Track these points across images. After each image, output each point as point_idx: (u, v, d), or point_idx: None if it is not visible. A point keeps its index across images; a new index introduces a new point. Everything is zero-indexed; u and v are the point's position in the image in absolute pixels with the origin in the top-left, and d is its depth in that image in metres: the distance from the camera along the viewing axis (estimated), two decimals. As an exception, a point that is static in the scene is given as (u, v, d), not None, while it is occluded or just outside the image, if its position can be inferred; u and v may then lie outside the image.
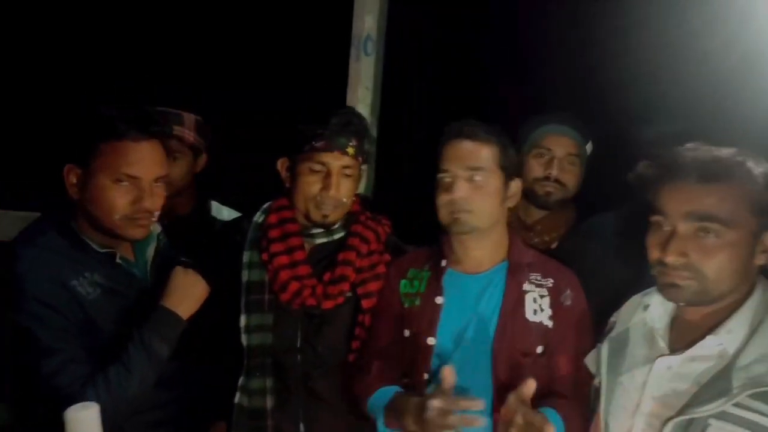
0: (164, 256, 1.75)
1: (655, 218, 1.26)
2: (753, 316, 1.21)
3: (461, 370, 1.57)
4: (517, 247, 1.71)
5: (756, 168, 1.20)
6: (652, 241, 1.26)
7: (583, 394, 1.54)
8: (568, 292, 1.65)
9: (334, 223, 1.78)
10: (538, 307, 1.62)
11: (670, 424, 1.20)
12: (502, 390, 1.55)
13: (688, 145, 1.24)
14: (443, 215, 1.64)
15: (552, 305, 1.62)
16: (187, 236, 2.12)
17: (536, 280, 1.65)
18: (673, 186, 1.22)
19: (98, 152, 1.52)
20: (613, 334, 1.43)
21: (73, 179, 1.55)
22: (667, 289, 1.24)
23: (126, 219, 1.55)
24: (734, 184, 1.18)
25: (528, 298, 1.62)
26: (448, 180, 1.62)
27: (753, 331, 1.19)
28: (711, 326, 1.24)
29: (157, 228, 1.74)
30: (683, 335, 1.29)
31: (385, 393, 1.63)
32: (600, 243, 1.90)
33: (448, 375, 1.42)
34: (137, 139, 1.53)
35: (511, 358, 1.58)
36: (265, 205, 1.89)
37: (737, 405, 1.13)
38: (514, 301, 1.61)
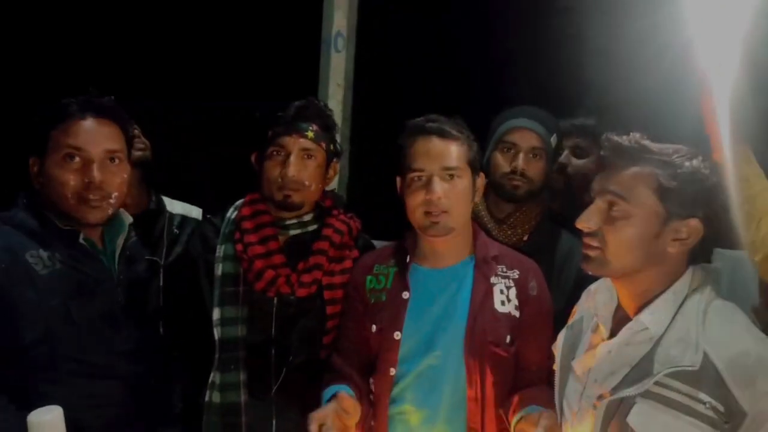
0: (132, 251, 1.72)
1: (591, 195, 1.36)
2: (675, 300, 1.28)
3: (433, 364, 1.61)
4: (483, 241, 1.73)
5: (673, 159, 1.27)
6: None
7: (551, 378, 1.57)
8: (534, 282, 1.66)
9: (298, 206, 1.77)
10: (505, 298, 1.63)
11: (604, 403, 1.27)
12: (475, 380, 1.58)
13: (630, 133, 1.33)
14: (418, 216, 1.62)
15: (518, 296, 1.65)
16: (147, 232, 2.09)
17: (502, 271, 1.67)
18: (603, 168, 1.33)
19: (50, 138, 1.53)
20: (570, 322, 1.49)
21: (35, 169, 1.56)
22: (583, 261, 1.33)
23: (79, 199, 1.53)
24: (645, 167, 1.27)
25: (496, 290, 1.64)
26: (422, 179, 1.60)
27: (675, 315, 1.27)
28: (640, 310, 1.31)
29: (128, 218, 1.70)
30: (622, 321, 1.34)
31: (331, 391, 1.62)
32: (570, 235, 1.93)
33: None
34: (83, 117, 1.54)
35: (482, 349, 1.58)
36: (238, 202, 1.90)
37: (657, 384, 1.21)
38: (482, 294, 1.63)
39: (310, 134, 1.75)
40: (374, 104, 3.03)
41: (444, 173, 1.60)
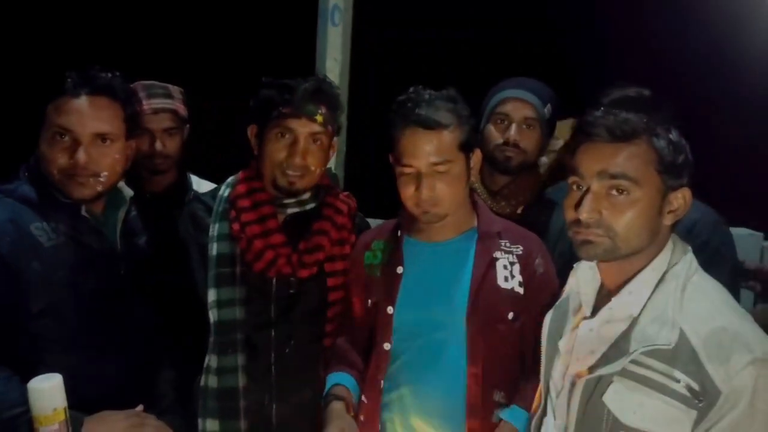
0: (132, 225, 1.73)
1: (571, 179, 1.28)
2: (655, 276, 1.25)
3: (433, 339, 1.61)
4: (486, 215, 1.71)
5: (661, 129, 1.23)
6: (567, 202, 1.28)
7: None
8: (540, 259, 1.63)
9: (301, 192, 1.73)
10: (508, 274, 1.61)
11: (582, 381, 1.27)
12: (476, 356, 1.57)
13: (600, 110, 1.28)
14: (410, 207, 1.61)
15: (522, 272, 1.61)
16: (170, 210, 2.07)
17: (506, 246, 1.64)
18: (585, 146, 1.26)
19: (45, 113, 1.53)
20: (557, 302, 1.47)
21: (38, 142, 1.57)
22: (582, 247, 1.25)
23: (65, 176, 1.53)
24: (641, 143, 1.22)
25: (498, 265, 1.61)
26: (411, 175, 1.58)
27: (653, 292, 1.24)
28: (621, 288, 1.28)
29: (129, 192, 1.70)
30: (604, 298, 1.32)
31: (332, 380, 1.66)
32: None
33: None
34: (77, 95, 1.52)
35: (485, 325, 1.57)
36: (230, 179, 1.82)
37: (634, 362, 1.20)
38: (484, 269, 1.60)
39: (320, 118, 1.67)
40: (372, 79, 3.01)
41: (432, 169, 1.57)
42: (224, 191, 1.79)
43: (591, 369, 1.26)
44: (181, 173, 2.27)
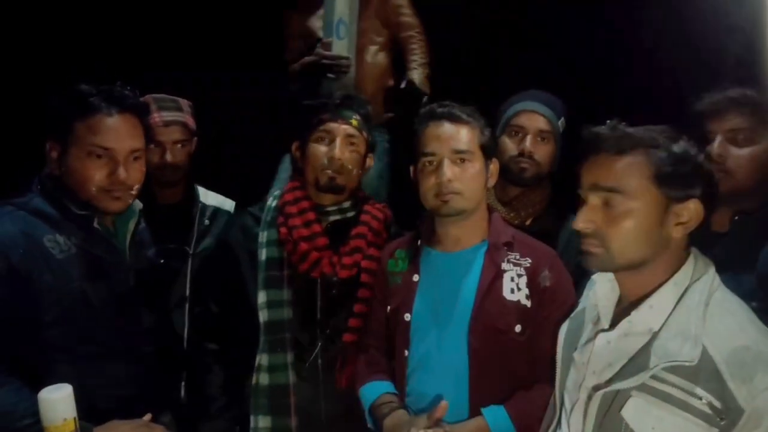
0: (141, 237, 1.79)
1: (579, 191, 1.31)
2: (676, 291, 1.25)
3: (440, 346, 1.64)
4: (498, 226, 1.73)
5: (664, 140, 1.25)
6: (577, 214, 1.30)
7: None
8: (546, 272, 1.65)
9: (341, 190, 1.86)
10: (515, 286, 1.63)
11: (600, 395, 1.27)
12: (478, 366, 1.60)
13: (606, 123, 1.30)
14: (429, 199, 1.65)
15: (529, 285, 1.63)
16: (178, 222, 2.18)
17: (515, 259, 1.67)
18: (587, 160, 1.29)
19: (73, 129, 1.56)
20: (573, 313, 1.48)
21: (54, 155, 1.60)
22: (584, 258, 1.29)
23: (102, 191, 1.58)
24: (637, 155, 1.24)
25: (506, 277, 1.64)
26: (434, 164, 1.63)
27: (675, 307, 1.24)
28: (641, 301, 1.28)
29: (138, 204, 1.75)
30: (623, 311, 1.32)
31: (375, 389, 1.69)
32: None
33: (441, 410, 1.48)
34: (110, 113, 1.57)
35: (487, 336, 1.59)
36: (275, 191, 1.98)
37: (654, 377, 1.20)
38: (490, 280, 1.62)
39: (355, 122, 1.86)
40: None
41: (455, 156, 1.63)
42: (272, 202, 1.95)
43: (609, 382, 1.26)
44: (189, 185, 2.30)
